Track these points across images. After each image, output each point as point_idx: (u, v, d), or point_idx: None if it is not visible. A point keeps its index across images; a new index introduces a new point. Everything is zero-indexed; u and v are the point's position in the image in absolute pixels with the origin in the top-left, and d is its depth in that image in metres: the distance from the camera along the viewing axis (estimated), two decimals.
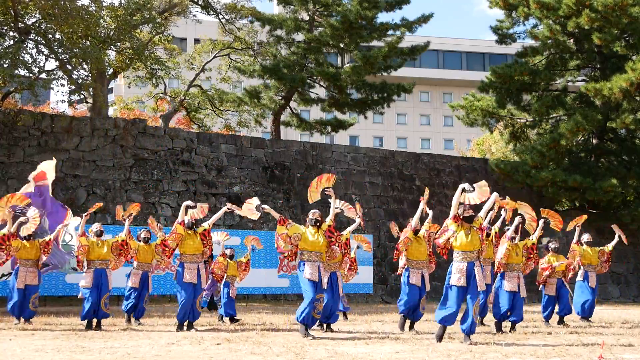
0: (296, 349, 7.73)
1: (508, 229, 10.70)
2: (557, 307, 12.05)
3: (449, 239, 8.51)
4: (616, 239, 13.00)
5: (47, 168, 13.15)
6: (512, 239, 10.68)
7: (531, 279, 21.61)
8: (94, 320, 10.40)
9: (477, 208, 8.52)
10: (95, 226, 10.68)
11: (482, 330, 10.42)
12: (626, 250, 23.88)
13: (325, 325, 10.20)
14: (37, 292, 11.16)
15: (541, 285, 12.27)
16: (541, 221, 11.19)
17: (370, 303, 19.43)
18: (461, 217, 8.48)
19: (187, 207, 10.37)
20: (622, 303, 21.21)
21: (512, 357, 7.25)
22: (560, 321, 11.94)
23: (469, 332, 8.30)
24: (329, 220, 9.64)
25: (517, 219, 10.71)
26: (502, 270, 10.68)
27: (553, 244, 12.28)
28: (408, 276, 10.37)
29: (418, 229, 10.53)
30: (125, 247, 10.79)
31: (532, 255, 10.96)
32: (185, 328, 10.02)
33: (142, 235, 11.51)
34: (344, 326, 11.10)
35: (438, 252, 8.90)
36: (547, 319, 12.00)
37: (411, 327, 10.42)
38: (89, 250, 10.34)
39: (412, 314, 10.43)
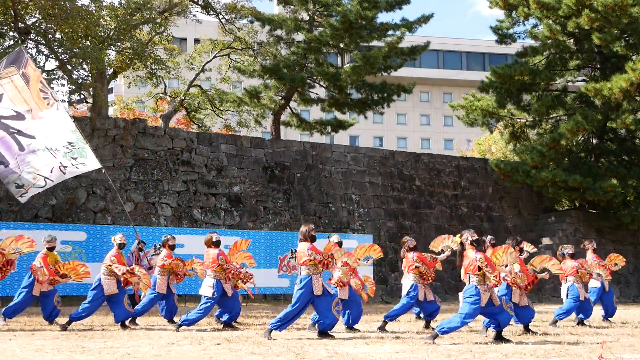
0: (296, 349, 7.73)
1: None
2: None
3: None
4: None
5: None
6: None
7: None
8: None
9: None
10: (119, 237, 10.78)
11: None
12: (626, 251, 23.88)
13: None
14: (57, 292, 11.15)
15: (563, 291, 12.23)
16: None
17: (370, 303, 19.41)
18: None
19: None
20: (622, 303, 21.19)
21: (512, 357, 7.25)
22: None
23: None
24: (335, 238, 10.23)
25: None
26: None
27: (569, 250, 12.26)
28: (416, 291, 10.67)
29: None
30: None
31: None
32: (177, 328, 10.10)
33: (170, 243, 11.50)
34: (344, 326, 11.08)
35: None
36: (584, 318, 11.99)
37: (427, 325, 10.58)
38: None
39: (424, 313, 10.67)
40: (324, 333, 9.12)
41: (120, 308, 10.35)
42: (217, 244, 10.48)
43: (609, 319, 12.81)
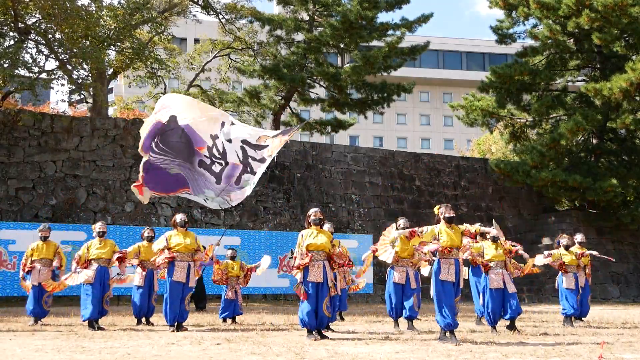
0: (296, 349, 7.73)
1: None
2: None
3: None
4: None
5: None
6: (494, 239, 10.48)
7: (530, 279, 21.64)
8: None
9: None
10: (99, 226, 10.77)
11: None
12: (626, 251, 23.89)
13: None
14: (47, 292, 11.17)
15: (557, 282, 12.05)
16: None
17: (370, 303, 19.43)
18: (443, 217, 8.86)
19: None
20: (622, 303, 21.21)
21: (512, 357, 7.24)
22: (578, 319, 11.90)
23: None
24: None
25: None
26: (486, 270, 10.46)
27: (564, 240, 12.17)
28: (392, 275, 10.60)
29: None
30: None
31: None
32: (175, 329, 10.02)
33: (146, 234, 11.49)
34: (344, 326, 11.09)
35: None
36: (568, 315, 11.64)
37: (410, 326, 10.38)
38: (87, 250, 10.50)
39: (399, 314, 10.46)
40: None
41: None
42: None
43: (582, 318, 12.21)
